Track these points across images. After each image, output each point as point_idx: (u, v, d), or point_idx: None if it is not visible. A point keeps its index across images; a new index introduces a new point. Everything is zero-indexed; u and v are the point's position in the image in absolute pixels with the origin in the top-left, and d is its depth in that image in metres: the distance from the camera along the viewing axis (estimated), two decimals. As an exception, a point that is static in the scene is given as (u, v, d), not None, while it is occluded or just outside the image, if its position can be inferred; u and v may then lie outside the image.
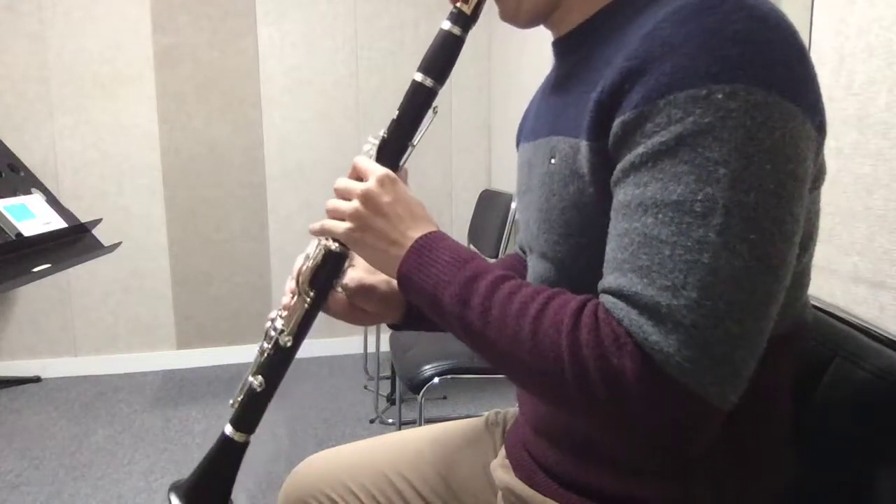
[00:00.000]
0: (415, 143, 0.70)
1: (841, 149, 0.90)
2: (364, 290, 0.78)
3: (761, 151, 0.47)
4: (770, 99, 0.47)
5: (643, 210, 0.49)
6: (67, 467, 2.10)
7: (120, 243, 2.13)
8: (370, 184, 0.64)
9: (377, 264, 0.67)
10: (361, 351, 2.95)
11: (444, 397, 2.57)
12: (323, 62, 2.95)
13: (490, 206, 2.59)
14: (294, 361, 0.73)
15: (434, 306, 0.60)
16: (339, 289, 0.75)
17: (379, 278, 0.79)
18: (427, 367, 1.68)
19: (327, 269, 0.71)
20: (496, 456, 0.81)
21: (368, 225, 0.64)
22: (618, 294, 0.50)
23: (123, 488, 1.97)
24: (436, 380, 1.66)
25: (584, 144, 0.56)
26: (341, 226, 0.66)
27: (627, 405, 0.48)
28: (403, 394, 2.13)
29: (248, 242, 2.97)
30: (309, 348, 3.44)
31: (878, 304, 0.85)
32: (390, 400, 2.52)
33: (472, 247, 2.76)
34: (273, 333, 0.72)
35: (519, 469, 0.72)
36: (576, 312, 0.51)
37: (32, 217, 1.86)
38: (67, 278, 2.80)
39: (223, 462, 0.74)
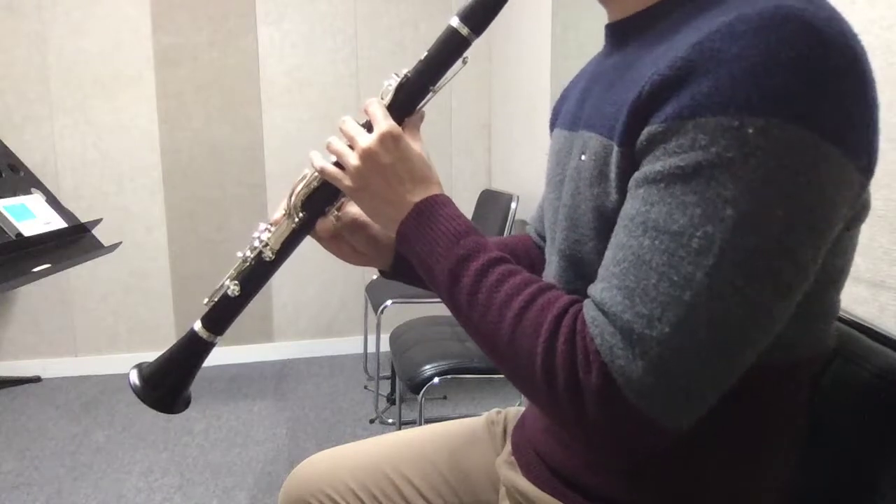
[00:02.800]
0: (437, 90, 0.67)
1: (841, 149, 0.90)
2: (357, 226, 0.78)
3: (777, 197, 0.44)
4: (805, 138, 0.44)
5: (643, 230, 0.48)
6: (67, 467, 2.10)
7: (120, 243, 2.13)
8: (372, 141, 0.63)
9: (375, 220, 0.68)
10: (361, 351, 2.95)
11: (444, 397, 2.57)
12: (323, 62, 2.95)
13: (490, 206, 2.59)
14: (294, 361, 0.73)
15: (426, 274, 0.62)
16: (334, 215, 0.74)
17: None
18: (427, 367, 1.68)
19: (322, 195, 0.71)
20: (497, 455, 0.81)
21: (367, 183, 0.64)
22: (600, 308, 0.50)
23: (123, 488, 1.97)
24: (436, 380, 1.66)
25: (615, 149, 0.54)
26: (342, 180, 0.66)
27: (584, 415, 0.49)
28: (403, 394, 2.13)
29: (248, 243, 2.96)
30: (309, 348, 3.46)
31: (878, 304, 0.85)
32: (390, 400, 2.52)
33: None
34: (257, 244, 0.72)
35: (526, 467, 0.71)
36: (557, 318, 0.52)
37: (32, 217, 1.86)
38: (67, 278, 2.80)
39: (187, 354, 0.75)
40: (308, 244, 0.75)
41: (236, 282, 0.72)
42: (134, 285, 2.90)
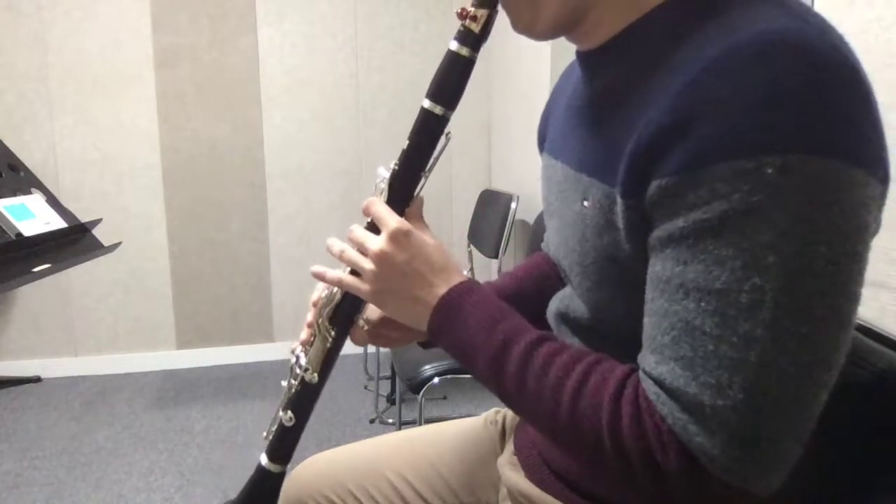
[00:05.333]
0: (427, 173, 0.66)
1: (841, 149, 0.90)
2: (388, 321, 0.76)
3: (816, 232, 0.42)
4: (829, 167, 0.42)
5: (684, 293, 0.46)
6: (67, 467, 2.10)
7: (120, 243, 2.13)
8: (383, 242, 0.61)
9: (405, 321, 0.64)
10: (361, 351, 2.94)
11: (444, 397, 2.57)
12: (323, 62, 2.94)
13: (490, 206, 2.58)
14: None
15: (468, 365, 0.59)
16: (362, 322, 0.74)
17: None
18: (427, 367, 1.68)
19: (347, 307, 0.70)
20: (496, 455, 0.81)
21: (388, 287, 0.62)
22: (660, 384, 0.47)
23: (123, 488, 1.97)
24: (436, 380, 1.66)
25: (619, 199, 0.51)
26: (362, 287, 0.64)
27: (668, 492, 0.47)
28: (403, 394, 2.13)
29: (248, 242, 2.97)
30: (309, 348, 3.31)
31: (878, 304, 0.85)
32: (390, 400, 2.52)
33: (472, 247, 2.76)
34: (298, 371, 0.72)
35: (529, 470, 0.71)
36: (615, 395, 0.49)
37: (32, 217, 1.86)
38: (67, 278, 2.80)
39: (261, 492, 0.76)
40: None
41: (289, 411, 0.73)
42: (134, 285, 2.89)
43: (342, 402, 2.56)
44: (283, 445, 0.75)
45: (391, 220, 0.62)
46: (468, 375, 1.69)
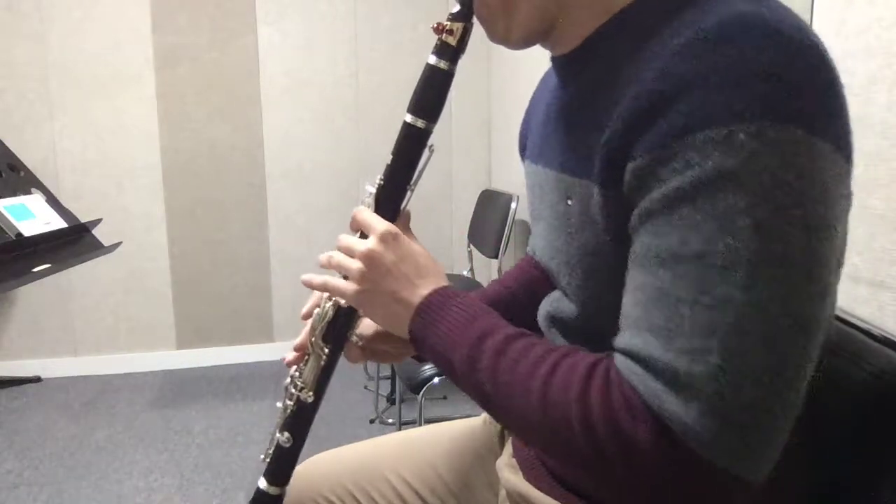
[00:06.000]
0: (413, 186, 0.67)
1: (841, 149, 0.90)
2: (381, 336, 0.77)
3: (789, 196, 0.42)
4: (798, 137, 0.42)
5: (659, 262, 0.45)
6: (67, 467, 2.10)
7: (120, 243, 2.13)
8: (372, 244, 0.61)
9: (386, 324, 0.64)
10: (361, 351, 2.94)
11: (444, 397, 2.57)
12: (323, 62, 2.94)
13: (490, 206, 2.59)
14: (294, 362, 0.73)
15: (444, 365, 0.59)
16: (355, 338, 0.74)
17: None
18: (427, 366, 1.68)
19: (340, 324, 0.70)
20: (495, 455, 0.80)
21: (375, 287, 0.62)
22: (632, 355, 0.46)
23: (123, 488, 1.97)
24: (436, 380, 1.66)
25: (596, 190, 0.52)
26: (348, 289, 0.64)
27: (644, 474, 0.44)
28: (403, 394, 2.13)
29: (248, 242, 2.97)
30: (309, 348, 3.30)
31: (878, 304, 0.85)
32: (390, 400, 2.52)
33: (472, 247, 2.76)
34: (293, 390, 0.72)
35: (528, 471, 0.71)
36: (585, 375, 0.48)
37: (32, 217, 1.86)
38: (67, 278, 2.80)
39: None
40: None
41: (286, 432, 0.72)
42: (134, 285, 2.89)
43: (342, 402, 2.56)
44: (282, 467, 0.74)
45: (379, 223, 0.63)
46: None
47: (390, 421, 2.38)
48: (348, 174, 3.02)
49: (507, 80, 2.85)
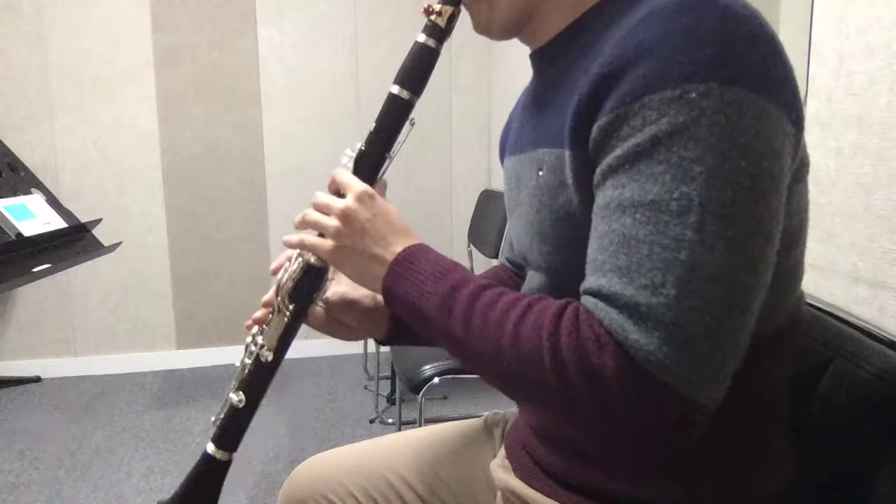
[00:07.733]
0: (392, 155, 0.69)
1: (841, 149, 0.90)
2: (347, 305, 0.78)
3: (736, 149, 0.47)
4: (744, 97, 0.47)
5: (621, 211, 0.50)
6: (67, 467, 2.10)
7: (120, 243, 2.13)
8: (349, 201, 0.64)
9: (361, 280, 0.66)
10: (361, 351, 2.95)
11: (444, 397, 2.57)
12: (323, 62, 2.95)
13: (490, 206, 2.59)
14: (294, 361, 0.73)
15: (418, 317, 0.60)
16: (320, 303, 0.74)
17: (363, 293, 0.78)
18: (427, 367, 1.68)
19: (308, 283, 0.70)
20: (496, 456, 0.81)
21: (350, 243, 0.64)
22: (597, 294, 0.50)
23: (123, 488, 1.97)
24: (436, 380, 1.66)
25: (567, 154, 0.56)
26: (323, 244, 0.65)
27: (609, 405, 0.48)
28: (403, 394, 2.13)
29: (248, 242, 2.97)
30: (309, 348, 3.43)
31: (878, 304, 0.85)
32: (390, 400, 2.52)
33: (472, 247, 2.76)
34: (253, 348, 0.71)
35: (519, 469, 0.72)
36: (556, 315, 0.51)
37: (32, 217, 1.86)
38: (67, 278, 2.80)
39: (206, 481, 0.72)
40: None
41: (240, 392, 0.71)
42: (134, 285, 2.90)
43: (342, 402, 2.56)
44: (232, 429, 0.71)
45: (357, 184, 0.65)
46: (468, 375, 1.69)
47: (390, 421, 2.38)
48: (348, 174, 3.02)
49: (508, 81, 2.85)
